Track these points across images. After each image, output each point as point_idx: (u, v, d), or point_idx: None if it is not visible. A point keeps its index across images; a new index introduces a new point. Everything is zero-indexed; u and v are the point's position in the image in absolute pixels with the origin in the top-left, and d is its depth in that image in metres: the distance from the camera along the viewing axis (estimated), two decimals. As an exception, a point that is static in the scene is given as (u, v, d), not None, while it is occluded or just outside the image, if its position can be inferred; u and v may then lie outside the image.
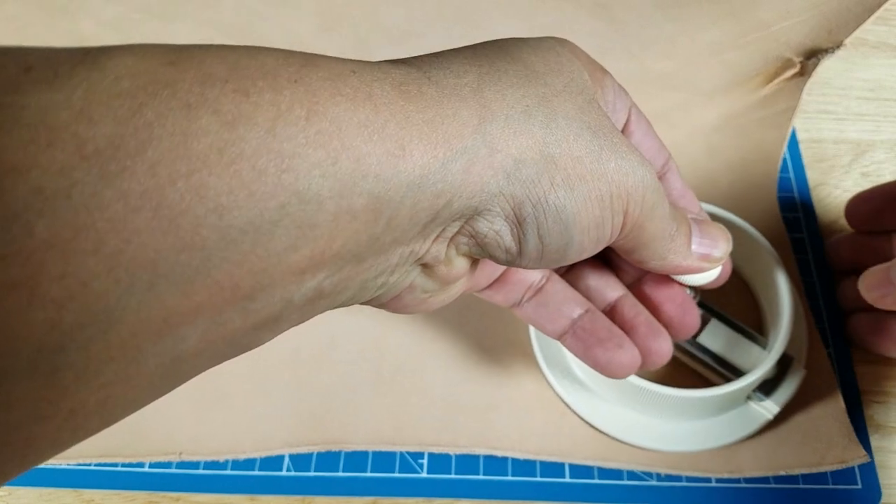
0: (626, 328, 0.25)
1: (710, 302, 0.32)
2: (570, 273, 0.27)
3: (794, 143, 0.40)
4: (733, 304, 0.33)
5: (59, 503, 0.30)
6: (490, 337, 0.33)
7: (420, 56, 0.18)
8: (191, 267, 0.13)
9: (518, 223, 0.18)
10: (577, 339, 0.25)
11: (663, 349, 0.25)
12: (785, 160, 0.39)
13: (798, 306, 0.32)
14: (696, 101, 0.39)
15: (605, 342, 0.25)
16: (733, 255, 0.34)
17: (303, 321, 0.17)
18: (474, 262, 0.21)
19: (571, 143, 0.18)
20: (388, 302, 0.21)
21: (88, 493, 0.31)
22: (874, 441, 0.31)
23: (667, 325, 0.26)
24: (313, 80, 0.15)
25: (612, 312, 0.26)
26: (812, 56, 0.37)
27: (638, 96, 0.40)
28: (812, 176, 0.40)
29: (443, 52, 0.19)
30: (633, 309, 0.26)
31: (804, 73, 0.37)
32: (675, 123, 0.39)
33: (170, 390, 0.15)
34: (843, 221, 0.37)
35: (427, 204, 0.16)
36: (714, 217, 0.32)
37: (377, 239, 0.16)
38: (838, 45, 0.37)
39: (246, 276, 0.14)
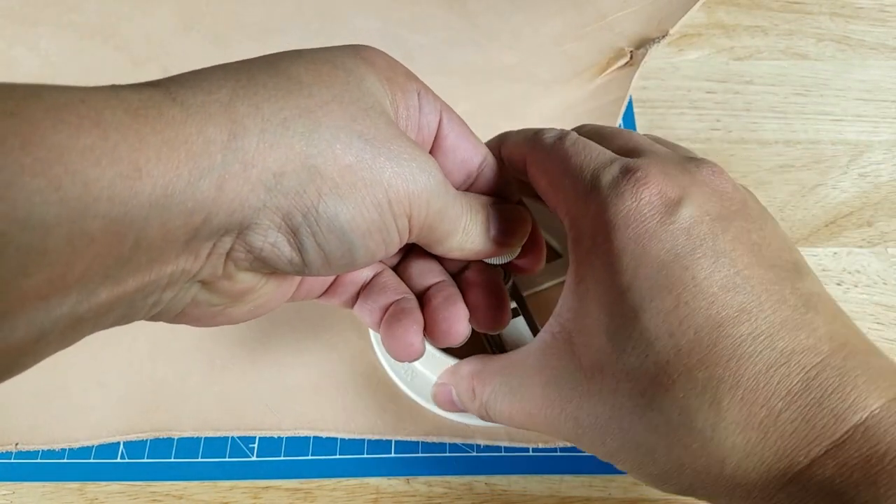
0: (427, 310, 0.26)
1: (529, 283, 0.34)
2: (399, 264, 0.27)
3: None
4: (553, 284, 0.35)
5: (62, 501, 0.31)
6: (328, 322, 0.35)
7: (178, 75, 0.19)
8: None
9: (292, 233, 0.19)
10: (384, 325, 0.25)
11: (454, 329, 0.25)
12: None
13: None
14: (535, 91, 0.41)
15: (394, 327, 0.25)
16: (556, 237, 0.36)
17: (71, 343, 0.18)
18: (273, 275, 0.22)
19: (339, 153, 0.19)
20: (175, 317, 0.21)
21: (92, 491, 0.31)
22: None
23: (473, 309, 0.27)
24: (33, 112, 0.15)
25: (423, 297, 0.27)
26: (641, 46, 0.39)
27: (483, 88, 0.42)
28: (810, 176, 0.41)
29: (206, 68, 0.19)
30: (441, 293, 0.26)
31: (633, 62, 0.39)
32: (516, 114, 0.40)
33: None
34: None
35: (180, 222, 0.17)
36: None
37: (129, 260, 0.16)
38: (664, 35, 0.38)
39: None
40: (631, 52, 0.39)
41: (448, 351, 0.31)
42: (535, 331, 0.33)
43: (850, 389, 0.18)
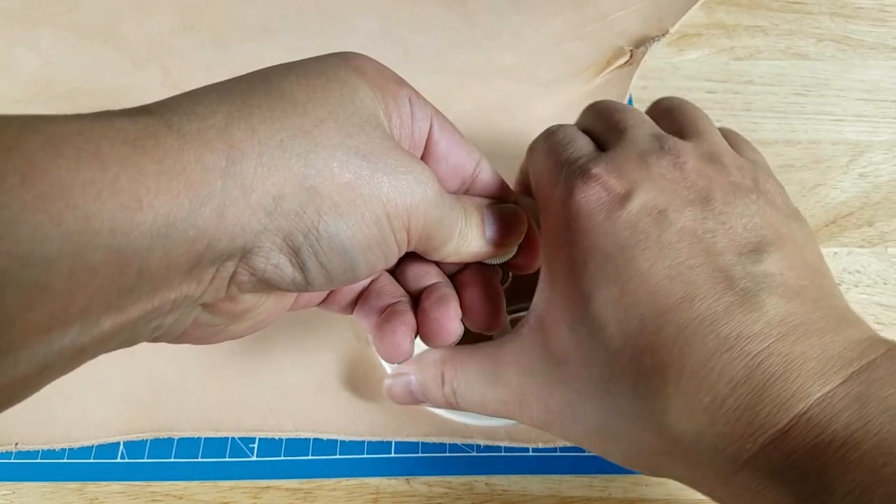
0: (419, 311, 0.26)
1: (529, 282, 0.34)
2: (396, 268, 0.27)
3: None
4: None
5: (63, 501, 0.31)
6: (328, 322, 0.35)
7: (171, 99, 0.19)
8: None
9: (294, 253, 0.19)
10: (375, 328, 0.25)
11: (445, 329, 0.25)
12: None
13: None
14: (536, 91, 0.41)
15: (383, 329, 0.25)
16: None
17: (72, 370, 0.17)
18: (273, 292, 0.21)
19: (336, 171, 0.19)
20: (176, 339, 0.21)
21: (92, 491, 0.31)
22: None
23: (469, 309, 0.27)
24: (31, 146, 0.15)
25: (418, 299, 0.26)
26: (641, 45, 0.39)
27: (483, 88, 0.42)
28: (810, 176, 0.41)
29: (198, 90, 0.19)
30: (433, 294, 0.26)
31: (633, 61, 0.39)
32: (516, 114, 0.40)
33: None
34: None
35: (182, 251, 0.17)
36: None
37: (132, 290, 0.16)
38: (664, 33, 0.38)
39: None
40: (631, 51, 0.39)
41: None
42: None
43: (794, 377, 0.17)
